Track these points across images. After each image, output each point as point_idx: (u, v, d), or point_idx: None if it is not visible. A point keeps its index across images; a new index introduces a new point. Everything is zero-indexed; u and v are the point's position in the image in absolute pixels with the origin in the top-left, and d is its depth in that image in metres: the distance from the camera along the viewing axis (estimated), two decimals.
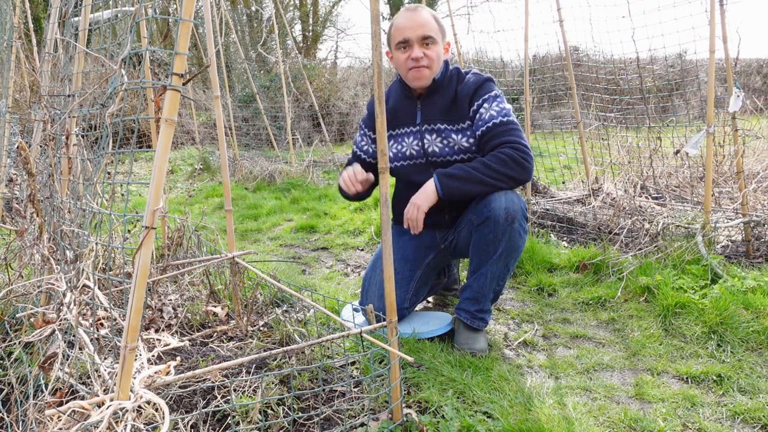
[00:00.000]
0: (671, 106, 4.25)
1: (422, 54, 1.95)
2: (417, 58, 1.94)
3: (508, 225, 1.84)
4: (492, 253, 1.88)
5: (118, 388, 1.08)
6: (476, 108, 1.96)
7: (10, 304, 1.78)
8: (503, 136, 1.89)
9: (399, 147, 2.11)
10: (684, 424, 1.50)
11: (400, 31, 1.96)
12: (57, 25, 1.76)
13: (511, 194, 1.88)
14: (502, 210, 1.83)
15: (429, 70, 1.97)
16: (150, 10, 1.98)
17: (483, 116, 1.94)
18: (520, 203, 1.87)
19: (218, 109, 1.85)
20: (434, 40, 1.95)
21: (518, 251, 1.92)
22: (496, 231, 1.85)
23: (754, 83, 9.66)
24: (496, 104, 1.94)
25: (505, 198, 1.85)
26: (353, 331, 1.36)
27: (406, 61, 1.97)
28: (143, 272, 1.04)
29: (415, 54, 1.94)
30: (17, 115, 3.14)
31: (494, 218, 1.84)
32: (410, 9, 1.99)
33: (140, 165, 7.13)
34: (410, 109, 2.08)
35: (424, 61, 1.95)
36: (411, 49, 1.96)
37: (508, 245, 1.87)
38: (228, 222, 1.91)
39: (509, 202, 1.85)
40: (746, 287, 2.15)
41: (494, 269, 1.90)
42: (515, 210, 1.84)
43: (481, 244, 1.89)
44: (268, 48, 12.66)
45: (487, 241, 1.87)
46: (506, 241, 1.86)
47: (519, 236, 1.88)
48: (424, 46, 1.95)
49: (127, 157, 5.99)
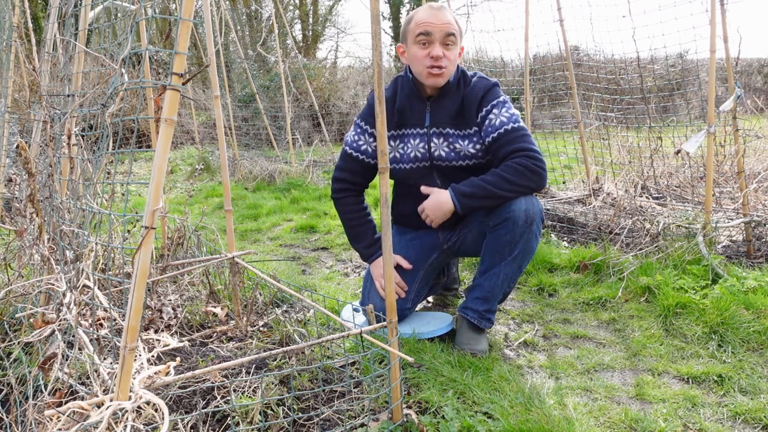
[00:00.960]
0: (672, 106, 4.25)
1: (442, 53, 1.88)
2: (437, 56, 1.86)
3: (527, 227, 1.84)
4: (507, 255, 1.87)
5: (118, 389, 1.08)
6: (485, 114, 1.93)
7: (9, 304, 1.78)
8: (515, 143, 1.86)
9: (404, 148, 2.04)
10: (685, 424, 1.50)
11: (423, 24, 1.87)
12: (57, 24, 1.76)
13: (530, 197, 1.88)
14: (522, 212, 1.83)
15: (447, 70, 1.91)
16: (150, 9, 1.97)
17: (493, 122, 1.91)
18: (538, 206, 1.88)
19: (218, 109, 1.85)
20: (455, 40, 1.90)
21: (532, 253, 1.92)
22: (515, 232, 1.84)
23: (755, 83, 9.65)
24: (506, 110, 1.92)
25: (525, 201, 1.85)
26: (353, 331, 1.36)
27: (425, 59, 1.89)
28: (143, 272, 1.04)
29: (436, 52, 1.86)
30: (16, 115, 3.14)
31: (513, 220, 1.83)
32: (434, 7, 1.91)
33: (140, 165, 7.13)
34: (419, 109, 2.02)
35: (444, 61, 1.88)
36: (432, 46, 1.87)
37: (525, 247, 1.87)
38: (228, 222, 1.91)
39: (529, 204, 1.85)
40: (747, 287, 2.15)
41: (507, 270, 1.89)
42: (534, 212, 1.85)
43: (496, 244, 1.88)
44: (267, 47, 12.65)
45: (504, 242, 1.86)
46: (523, 243, 1.86)
47: (535, 239, 1.89)
48: (444, 46, 1.88)
49: (127, 157, 5.98)
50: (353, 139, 2.08)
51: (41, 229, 1.66)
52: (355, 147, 2.07)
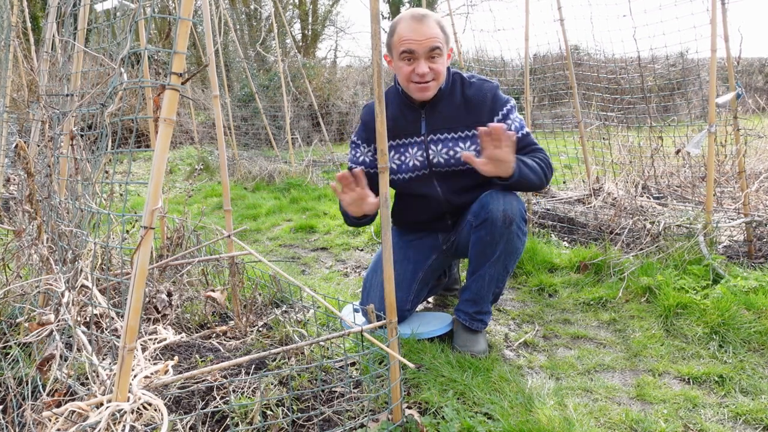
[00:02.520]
0: (673, 106, 4.25)
1: (428, 69, 1.85)
2: (423, 74, 1.85)
3: (506, 227, 1.83)
4: (490, 255, 1.87)
5: (117, 389, 1.07)
6: (501, 118, 1.94)
7: (8, 304, 1.77)
8: (532, 146, 1.95)
9: (402, 158, 2.03)
10: (685, 425, 1.49)
11: (406, 43, 1.83)
12: (55, 23, 1.75)
13: (509, 196, 1.86)
14: (500, 212, 1.82)
15: (435, 82, 1.90)
16: (149, 8, 1.97)
17: (510, 127, 1.93)
18: (518, 206, 1.86)
19: (217, 109, 1.84)
20: (440, 51, 1.86)
21: (517, 253, 1.91)
22: (494, 233, 1.83)
23: (756, 82, 9.64)
24: (517, 115, 1.97)
25: (504, 200, 1.84)
26: (354, 330, 1.35)
27: (411, 74, 1.87)
28: (142, 272, 1.03)
29: (421, 70, 1.84)
30: (15, 115, 3.13)
31: (491, 220, 1.83)
32: (416, 18, 1.84)
33: (139, 165, 7.12)
34: (413, 118, 2.00)
35: (430, 75, 1.86)
36: (417, 62, 1.85)
37: (506, 247, 1.86)
38: (227, 222, 1.91)
39: (507, 204, 1.83)
40: (748, 288, 2.14)
41: (492, 271, 1.89)
42: (513, 212, 1.83)
43: (479, 245, 1.88)
44: (267, 47, 12.64)
45: (485, 243, 1.86)
46: (504, 243, 1.85)
47: (517, 238, 1.87)
48: (430, 60, 1.86)
49: (126, 157, 5.98)
50: (351, 156, 2.11)
51: (40, 229, 1.66)
52: (355, 161, 2.09)
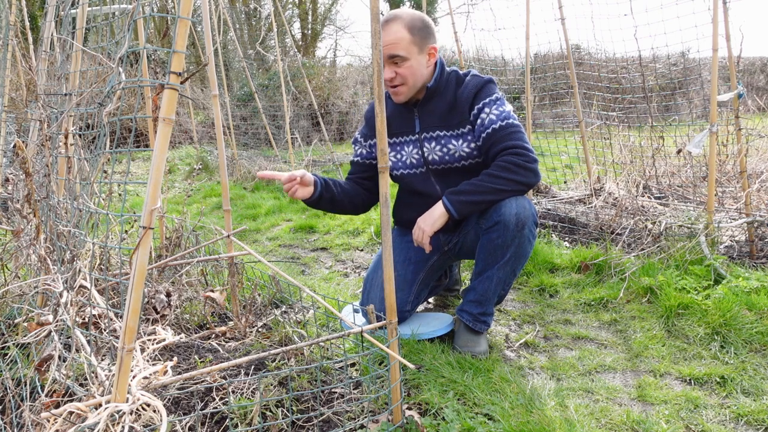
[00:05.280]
0: (674, 105, 4.24)
1: (393, 74, 1.89)
2: (388, 79, 1.90)
3: (518, 231, 1.81)
4: (500, 258, 1.86)
5: (116, 390, 1.07)
6: (476, 113, 1.91)
7: (6, 305, 1.77)
8: (504, 141, 1.85)
9: (399, 156, 2.07)
10: (687, 426, 1.48)
11: None
12: (54, 23, 1.74)
13: (522, 200, 1.85)
14: (513, 215, 1.80)
15: (404, 86, 1.92)
16: (148, 7, 1.96)
17: (484, 121, 1.89)
18: (531, 209, 1.85)
19: (216, 108, 1.84)
20: (403, 57, 1.86)
21: (526, 257, 1.90)
22: (506, 236, 1.82)
23: (758, 82, 9.63)
24: (496, 108, 1.89)
25: (516, 203, 1.82)
26: (354, 330, 1.34)
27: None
28: (140, 273, 1.02)
29: (386, 75, 1.88)
30: (13, 114, 3.13)
31: (504, 223, 1.81)
32: (382, 23, 1.85)
33: (138, 164, 7.11)
34: (407, 117, 2.03)
35: (397, 79, 1.90)
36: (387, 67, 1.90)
37: (517, 251, 1.85)
38: (226, 222, 1.90)
39: (520, 207, 1.82)
40: (750, 288, 2.14)
41: (501, 274, 1.88)
42: (526, 216, 1.82)
43: (488, 248, 1.86)
44: (266, 46, 12.63)
45: (495, 245, 1.85)
46: (515, 247, 1.83)
47: (528, 242, 1.86)
48: (393, 65, 1.89)
49: (125, 157, 5.97)
50: (354, 151, 2.21)
51: (38, 229, 1.65)
52: (356, 154, 2.20)
